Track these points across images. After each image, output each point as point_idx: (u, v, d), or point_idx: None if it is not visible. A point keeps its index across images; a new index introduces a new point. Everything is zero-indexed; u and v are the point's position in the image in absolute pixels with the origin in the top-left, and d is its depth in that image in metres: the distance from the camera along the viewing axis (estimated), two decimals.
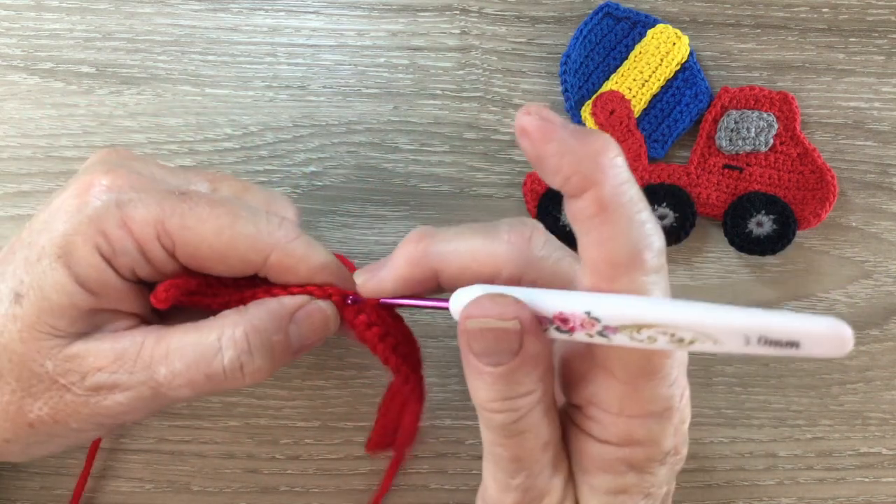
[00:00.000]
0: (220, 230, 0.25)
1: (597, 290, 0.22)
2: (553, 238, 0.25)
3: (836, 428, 0.37)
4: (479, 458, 0.36)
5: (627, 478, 0.24)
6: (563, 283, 0.24)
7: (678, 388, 0.23)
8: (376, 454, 0.34)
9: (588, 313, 0.22)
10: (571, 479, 0.25)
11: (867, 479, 0.37)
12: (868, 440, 0.37)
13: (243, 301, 0.27)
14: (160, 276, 0.26)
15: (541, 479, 0.24)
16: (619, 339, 0.22)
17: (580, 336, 0.22)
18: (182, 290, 0.26)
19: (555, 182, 0.21)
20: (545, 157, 0.21)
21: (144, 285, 0.27)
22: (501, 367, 0.22)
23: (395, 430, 0.30)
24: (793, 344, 0.21)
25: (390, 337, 0.28)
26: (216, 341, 0.25)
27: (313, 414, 0.36)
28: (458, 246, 0.25)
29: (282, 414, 0.36)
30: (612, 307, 0.21)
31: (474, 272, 0.25)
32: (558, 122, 0.21)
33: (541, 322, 0.22)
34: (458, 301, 0.24)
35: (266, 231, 0.26)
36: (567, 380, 0.25)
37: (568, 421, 0.25)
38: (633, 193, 0.21)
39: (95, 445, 0.34)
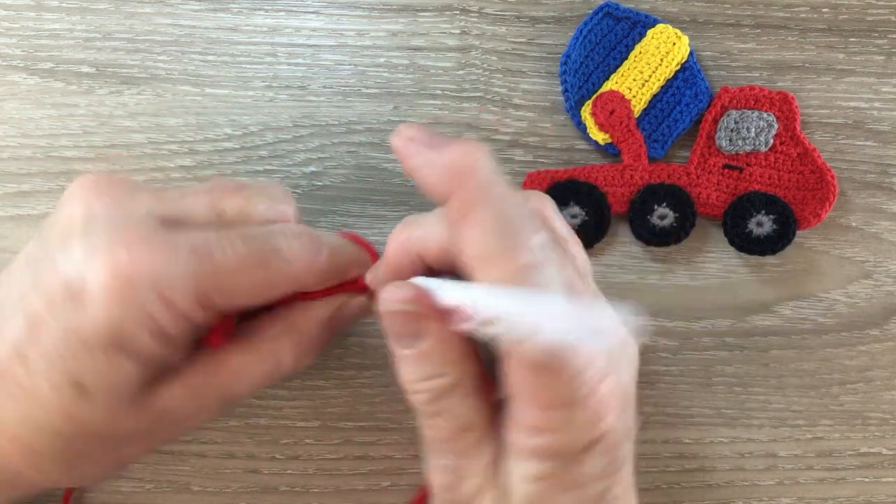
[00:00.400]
0: (253, 279, 0.26)
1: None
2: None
3: (836, 428, 0.37)
4: None
5: (548, 465, 0.24)
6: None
7: (591, 377, 0.23)
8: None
9: (458, 306, 0.23)
10: (500, 466, 0.25)
11: (867, 479, 0.37)
12: (868, 440, 0.37)
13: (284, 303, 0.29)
14: (205, 321, 0.27)
15: (464, 461, 0.25)
16: (495, 331, 0.22)
17: (467, 327, 0.22)
18: (231, 328, 0.28)
19: (430, 195, 0.24)
20: (413, 173, 0.24)
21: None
22: (412, 349, 0.24)
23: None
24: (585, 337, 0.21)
25: None
26: (275, 360, 0.28)
27: (313, 414, 0.36)
28: (433, 229, 0.26)
29: (282, 414, 0.36)
30: (485, 300, 0.22)
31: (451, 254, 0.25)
32: (422, 139, 0.23)
33: (452, 313, 0.23)
34: (412, 281, 0.25)
35: (295, 262, 0.27)
36: (500, 370, 0.25)
37: (501, 410, 0.25)
38: (497, 192, 0.23)
39: None
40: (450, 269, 0.25)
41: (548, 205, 0.28)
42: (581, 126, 0.37)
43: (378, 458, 0.36)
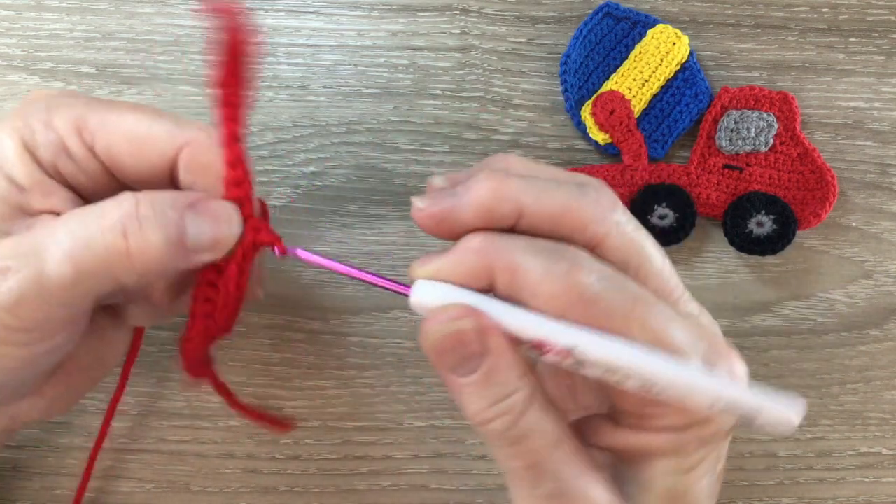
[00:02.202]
0: (138, 122, 0.25)
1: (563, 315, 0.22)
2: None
3: (836, 428, 0.37)
4: (480, 458, 0.36)
5: (697, 454, 0.24)
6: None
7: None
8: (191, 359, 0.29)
9: (570, 349, 0.21)
10: (608, 472, 0.24)
11: (867, 479, 0.37)
12: (868, 440, 0.37)
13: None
14: (83, 175, 0.26)
15: (567, 481, 0.22)
16: (591, 373, 0.22)
17: (550, 359, 0.22)
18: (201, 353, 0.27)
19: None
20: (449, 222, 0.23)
21: (81, 197, 0.27)
22: (476, 372, 0.22)
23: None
24: (752, 416, 0.22)
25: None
26: (103, 209, 0.23)
27: (313, 414, 0.36)
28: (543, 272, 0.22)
29: (282, 414, 0.36)
30: (595, 348, 0.21)
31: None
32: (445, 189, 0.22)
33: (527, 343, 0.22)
34: (419, 292, 0.23)
35: (186, 128, 0.26)
36: (609, 389, 0.24)
37: (607, 423, 0.25)
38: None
39: (97, 448, 0.34)
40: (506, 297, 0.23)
41: (615, 200, 0.24)
42: (581, 126, 0.37)
43: (378, 458, 0.36)
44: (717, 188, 0.37)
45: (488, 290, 0.23)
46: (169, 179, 0.26)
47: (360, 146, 0.37)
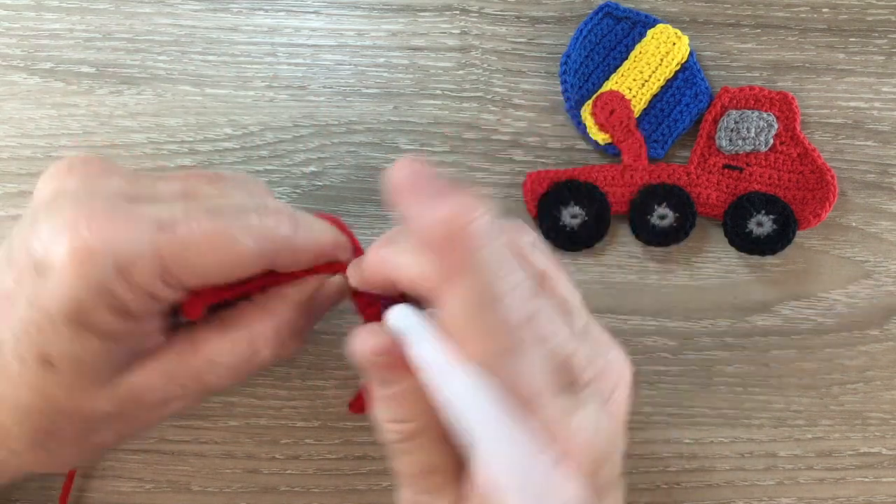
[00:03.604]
0: (220, 253, 0.25)
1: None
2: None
3: (836, 428, 0.37)
4: None
5: None
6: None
7: None
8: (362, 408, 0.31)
9: (426, 372, 0.23)
10: None
11: (867, 479, 0.37)
12: (868, 440, 0.37)
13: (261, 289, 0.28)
14: (174, 297, 0.26)
15: (429, 498, 0.25)
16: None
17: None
18: (208, 298, 0.27)
19: (415, 241, 0.24)
20: (404, 216, 0.23)
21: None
22: (385, 390, 0.24)
23: None
24: None
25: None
26: (252, 345, 0.27)
27: (313, 414, 0.36)
28: (408, 263, 0.24)
29: (282, 414, 0.36)
30: (446, 380, 0.22)
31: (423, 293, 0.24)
32: (420, 183, 0.22)
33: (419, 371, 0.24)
34: (389, 316, 0.25)
35: (265, 236, 0.26)
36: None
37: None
38: (484, 260, 0.22)
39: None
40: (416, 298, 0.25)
41: (524, 238, 0.27)
42: (581, 126, 0.37)
43: (378, 458, 0.36)
44: (717, 188, 0.37)
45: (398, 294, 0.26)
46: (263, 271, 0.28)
47: (360, 146, 0.37)
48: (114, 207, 0.24)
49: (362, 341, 0.24)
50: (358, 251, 0.30)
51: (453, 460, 0.24)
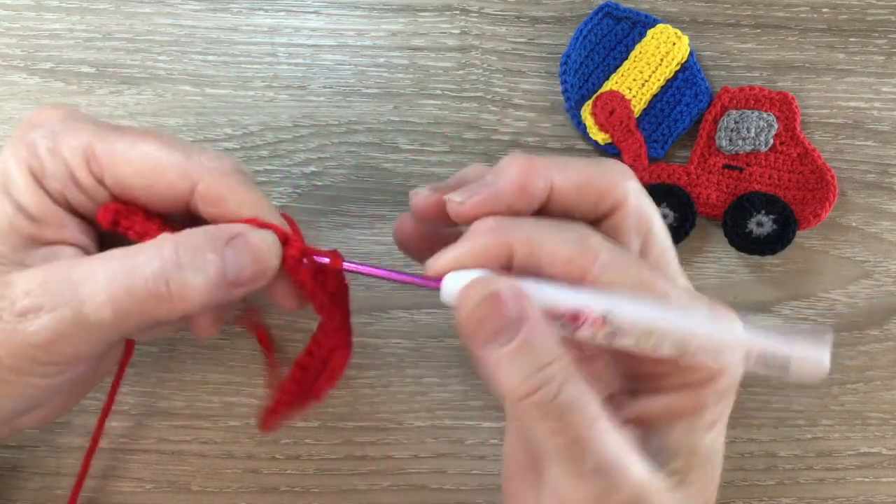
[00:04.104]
0: (148, 154, 0.25)
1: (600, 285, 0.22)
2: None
3: (836, 428, 0.37)
4: (480, 458, 0.36)
5: (716, 409, 0.24)
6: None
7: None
8: (273, 425, 0.29)
9: (605, 316, 0.22)
10: (647, 445, 0.24)
11: (867, 479, 0.37)
12: (868, 440, 0.37)
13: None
14: (92, 203, 0.26)
15: (608, 456, 0.21)
16: (625, 342, 0.22)
17: (584, 333, 0.22)
18: (124, 213, 0.25)
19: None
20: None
21: (92, 225, 0.27)
22: (514, 340, 0.21)
23: (315, 378, 0.28)
24: (784, 366, 0.22)
25: (323, 277, 0.27)
26: (143, 255, 0.24)
27: (313, 414, 0.36)
28: (560, 240, 0.23)
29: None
30: (631, 312, 0.22)
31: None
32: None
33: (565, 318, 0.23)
34: (452, 284, 0.23)
35: (197, 159, 0.25)
36: (625, 359, 0.25)
37: (623, 397, 0.25)
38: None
39: (93, 447, 0.34)
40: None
41: (630, 171, 0.26)
42: (581, 126, 0.37)
43: (378, 458, 0.36)
44: (717, 188, 0.37)
45: (507, 268, 0.24)
46: (184, 209, 0.26)
47: (360, 146, 0.37)
48: (84, 113, 0.27)
49: (474, 283, 0.23)
50: (297, 237, 0.27)
51: (600, 403, 0.23)
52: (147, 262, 0.23)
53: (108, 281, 0.23)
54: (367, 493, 0.36)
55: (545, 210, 0.25)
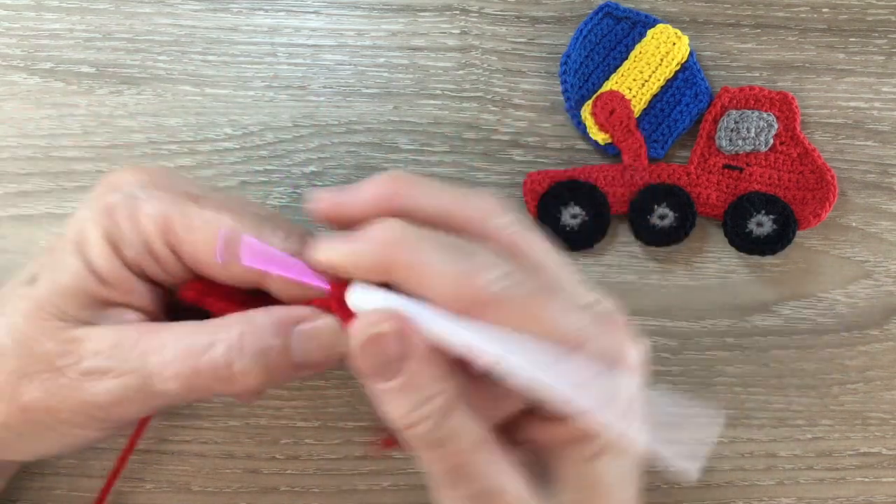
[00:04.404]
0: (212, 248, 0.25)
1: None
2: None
3: (836, 428, 0.37)
4: None
5: (600, 440, 0.24)
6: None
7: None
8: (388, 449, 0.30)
9: (497, 361, 0.22)
10: (529, 469, 0.24)
11: (867, 479, 0.37)
12: (868, 440, 0.37)
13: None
14: (168, 277, 0.26)
15: (487, 481, 0.23)
16: (514, 382, 0.22)
17: (476, 365, 0.22)
18: (205, 291, 0.26)
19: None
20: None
21: (160, 288, 0.27)
22: (397, 377, 0.22)
23: None
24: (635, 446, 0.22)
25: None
26: (211, 336, 0.25)
27: (313, 414, 0.36)
28: (369, 255, 0.23)
29: (282, 414, 0.36)
30: (518, 364, 0.22)
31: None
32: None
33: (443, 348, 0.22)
34: (355, 299, 0.24)
35: (267, 239, 0.25)
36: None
37: (525, 418, 0.25)
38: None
39: (127, 451, 0.34)
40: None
41: (500, 202, 0.26)
42: (581, 126, 0.37)
43: (378, 458, 0.36)
44: (717, 188, 0.37)
45: (386, 283, 0.23)
46: (260, 284, 0.26)
47: (360, 146, 0.37)
48: (166, 174, 0.27)
49: (364, 319, 0.23)
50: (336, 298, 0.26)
51: (490, 424, 0.23)
52: (213, 346, 0.24)
53: (176, 358, 0.24)
54: (367, 493, 0.36)
55: None
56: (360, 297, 0.24)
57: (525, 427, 0.25)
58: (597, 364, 0.22)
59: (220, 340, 0.24)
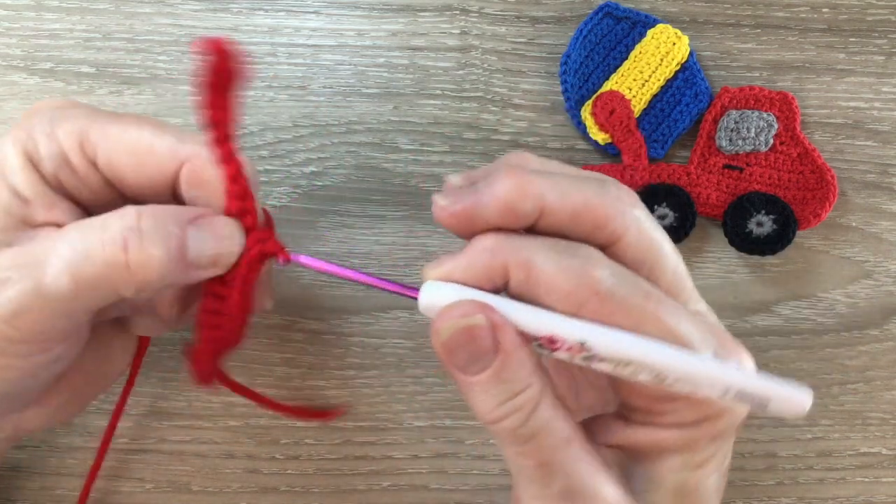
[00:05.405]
0: (140, 137, 0.25)
1: (574, 311, 0.22)
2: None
3: (836, 428, 0.37)
4: (480, 458, 0.36)
5: (707, 450, 0.24)
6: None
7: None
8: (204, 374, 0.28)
9: (582, 343, 0.22)
10: (617, 470, 0.24)
11: (867, 479, 0.37)
12: (868, 440, 0.37)
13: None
14: (88, 193, 0.26)
15: (578, 479, 0.22)
16: (602, 367, 0.22)
17: (561, 355, 0.22)
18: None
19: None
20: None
21: (85, 209, 0.27)
22: (487, 369, 0.22)
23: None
24: (763, 403, 0.22)
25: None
26: (104, 221, 0.23)
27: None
28: (552, 262, 0.22)
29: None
30: (608, 341, 0.21)
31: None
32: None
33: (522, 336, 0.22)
34: (428, 294, 0.23)
35: (188, 141, 0.25)
36: (621, 384, 0.24)
37: (616, 421, 0.25)
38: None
39: (104, 447, 0.34)
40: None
41: (635, 197, 0.25)
42: (581, 126, 0.37)
43: (378, 458, 0.36)
44: (717, 188, 0.37)
45: (501, 289, 0.23)
46: (171, 194, 0.26)
47: (360, 146, 0.37)
48: (89, 104, 0.27)
49: (449, 311, 0.22)
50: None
51: (575, 423, 0.23)
52: (107, 227, 0.23)
53: (67, 248, 0.23)
54: (367, 493, 0.36)
55: (536, 229, 0.23)
56: (433, 294, 0.23)
57: (619, 429, 0.25)
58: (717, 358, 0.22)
59: (113, 221, 0.23)
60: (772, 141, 0.37)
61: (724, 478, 0.26)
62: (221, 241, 0.24)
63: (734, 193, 0.37)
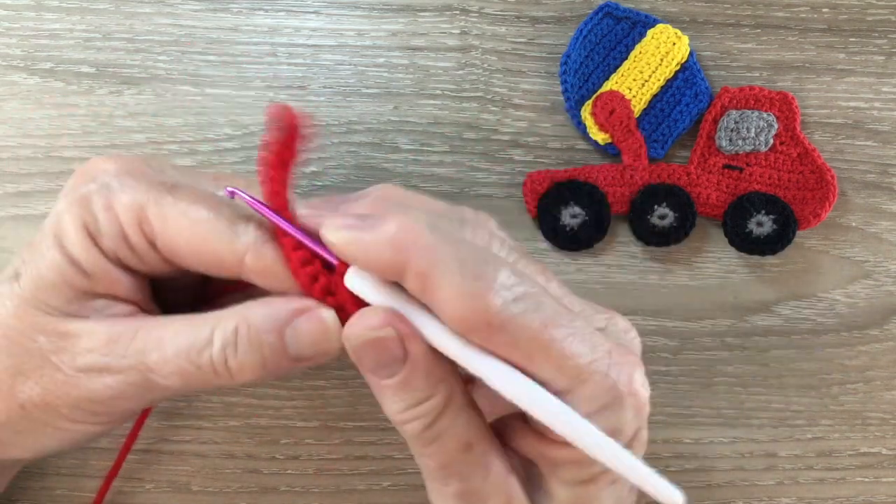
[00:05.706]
0: (197, 224, 0.25)
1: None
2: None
3: (836, 428, 0.37)
4: None
5: (596, 466, 0.23)
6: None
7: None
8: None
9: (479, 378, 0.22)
10: (519, 475, 0.24)
11: (867, 479, 0.37)
12: (868, 440, 0.37)
13: None
14: (146, 267, 0.26)
15: (475, 482, 0.23)
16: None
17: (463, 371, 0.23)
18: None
19: (380, 273, 0.22)
20: (352, 259, 0.22)
21: (144, 278, 0.27)
22: (395, 376, 0.23)
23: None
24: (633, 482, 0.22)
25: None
26: (209, 332, 0.25)
27: (313, 414, 0.36)
28: (381, 255, 0.22)
29: (282, 414, 0.36)
30: (488, 374, 0.22)
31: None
32: (353, 220, 0.22)
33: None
34: (350, 281, 0.23)
35: (243, 231, 0.25)
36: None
37: (523, 426, 0.25)
38: (448, 246, 0.22)
39: (124, 452, 0.34)
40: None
41: (491, 222, 0.27)
42: (581, 126, 0.37)
43: (378, 458, 0.36)
44: (717, 188, 0.37)
45: (396, 281, 0.23)
46: (237, 271, 0.25)
47: (360, 146, 0.37)
48: (142, 162, 0.27)
49: (359, 320, 0.23)
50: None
51: (486, 427, 0.24)
52: (210, 341, 0.25)
53: (176, 355, 0.25)
54: (367, 493, 0.36)
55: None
56: (357, 283, 0.23)
57: (521, 435, 0.25)
58: (598, 402, 0.22)
59: (217, 338, 0.24)
60: (772, 141, 0.37)
61: (630, 494, 0.25)
62: (319, 343, 0.25)
63: (734, 193, 0.37)
